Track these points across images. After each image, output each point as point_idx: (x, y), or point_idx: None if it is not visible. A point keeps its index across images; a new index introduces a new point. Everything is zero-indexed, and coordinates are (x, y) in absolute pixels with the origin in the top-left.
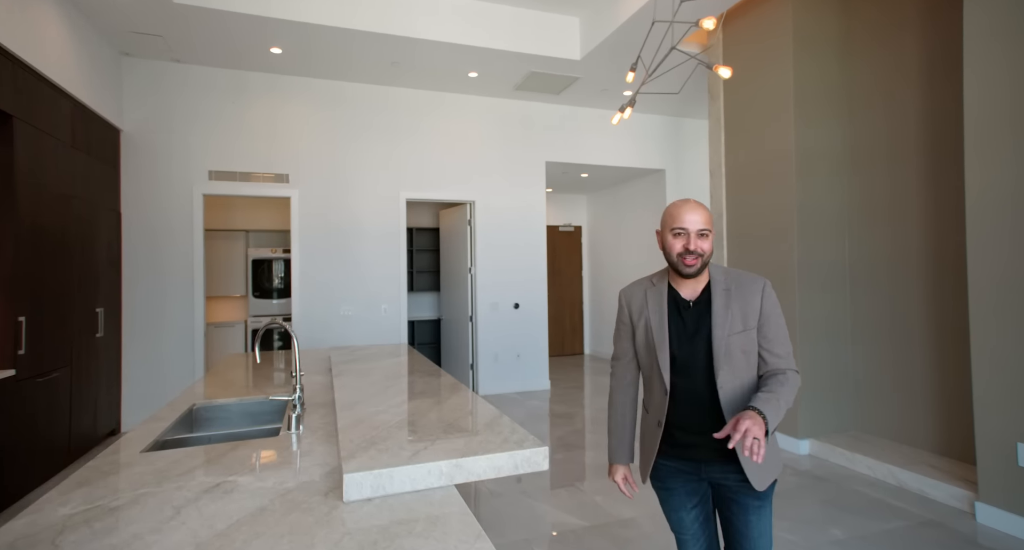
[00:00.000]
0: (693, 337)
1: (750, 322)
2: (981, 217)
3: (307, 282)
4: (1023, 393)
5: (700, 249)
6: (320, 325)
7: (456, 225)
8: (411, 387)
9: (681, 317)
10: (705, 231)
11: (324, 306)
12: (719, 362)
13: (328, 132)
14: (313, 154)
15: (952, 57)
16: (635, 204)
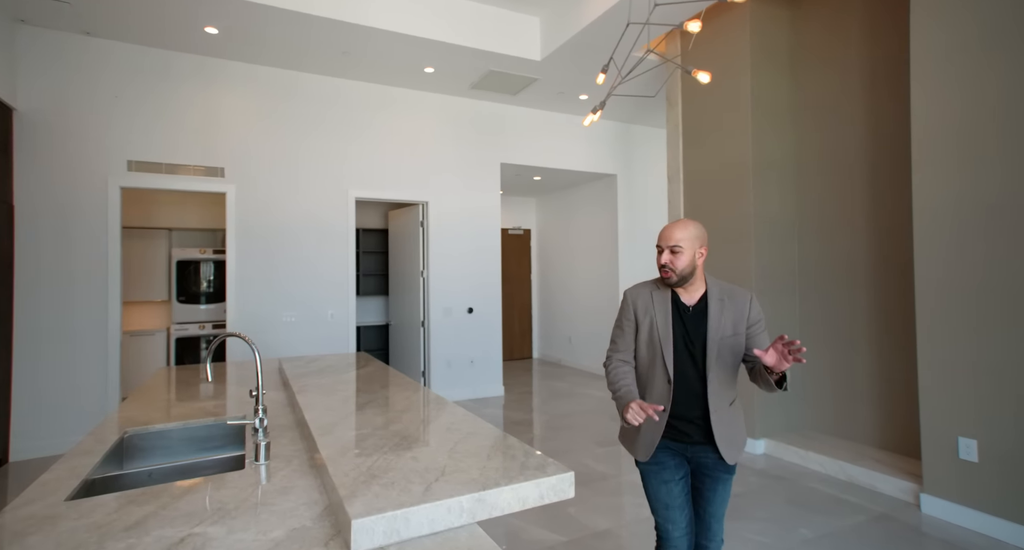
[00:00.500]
0: (692, 337)
1: (739, 328)
2: (928, 229)
3: (245, 285)
4: (964, 392)
5: (671, 263)
6: (260, 332)
7: (407, 227)
8: (390, 404)
9: (682, 320)
10: (676, 247)
11: (264, 311)
12: (711, 360)
13: (271, 124)
14: (253, 147)
15: (893, 74)
16: (586, 208)
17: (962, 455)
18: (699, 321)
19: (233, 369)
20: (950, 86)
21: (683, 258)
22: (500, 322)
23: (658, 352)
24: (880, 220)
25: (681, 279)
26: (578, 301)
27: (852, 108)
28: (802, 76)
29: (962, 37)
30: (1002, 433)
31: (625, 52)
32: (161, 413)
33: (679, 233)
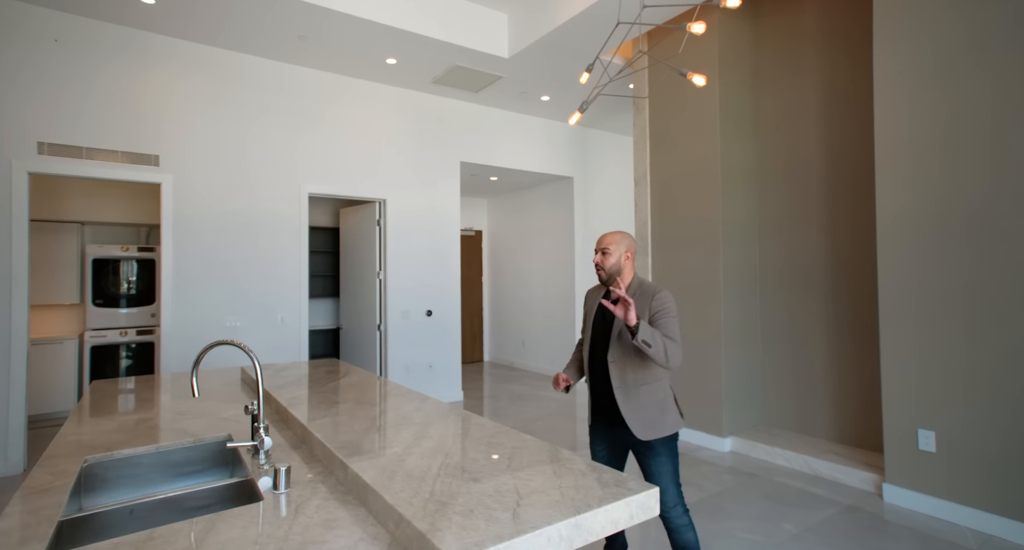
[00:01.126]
0: (606, 326)
1: (641, 315)
2: (888, 237)
3: (183, 286)
4: (923, 387)
5: (601, 263)
6: (199, 339)
7: (361, 225)
8: (405, 417)
9: (603, 311)
10: (606, 250)
11: (205, 315)
12: (612, 342)
13: (216, 109)
14: (194, 134)
15: (845, 91)
16: (542, 210)
17: (921, 446)
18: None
19: (174, 381)
20: (906, 108)
21: (611, 259)
22: (459, 325)
23: (585, 339)
24: (836, 226)
25: (610, 277)
26: (532, 303)
27: (807, 120)
28: (761, 88)
29: (915, 65)
30: (957, 424)
31: (609, 52)
32: (123, 435)
33: (608, 239)
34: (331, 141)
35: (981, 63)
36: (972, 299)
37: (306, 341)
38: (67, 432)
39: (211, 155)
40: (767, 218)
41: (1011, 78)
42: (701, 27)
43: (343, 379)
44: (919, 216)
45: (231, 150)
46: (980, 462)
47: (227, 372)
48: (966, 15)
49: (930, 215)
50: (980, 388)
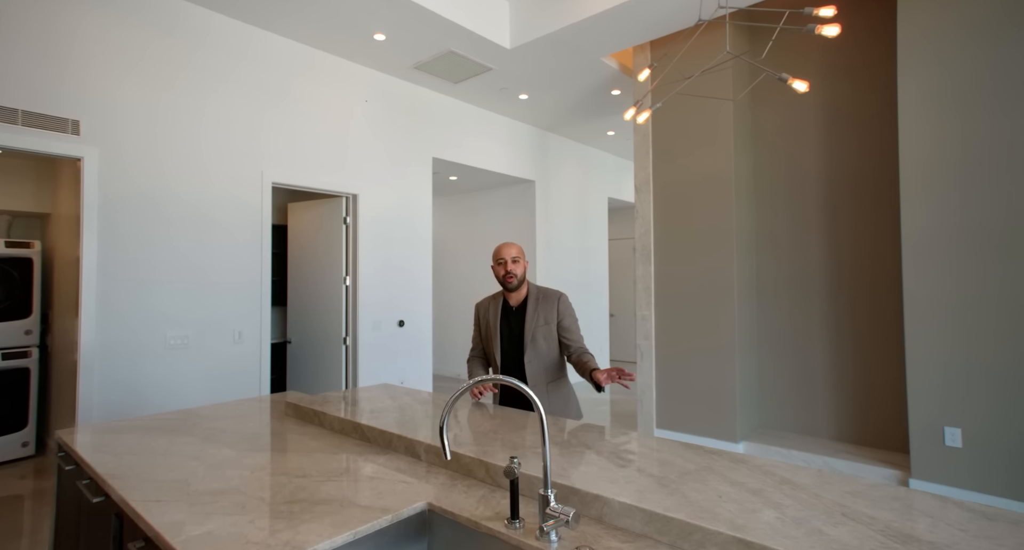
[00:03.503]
0: (513, 331)
1: (549, 319)
2: (914, 248)
3: (110, 295)
4: (948, 388)
5: (514, 270)
6: (130, 361)
7: (321, 223)
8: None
9: (508, 319)
10: (516, 258)
11: (137, 329)
12: (526, 346)
13: (159, 71)
14: (133, 99)
15: (845, 110)
16: (499, 213)
17: (948, 442)
18: (520, 317)
19: (186, 426)
20: (929, 131)
21: (520, 267)
22: (431, 336)
23: (490, 345)
24: (836, 236)
25: (520, 282)
26: None
27: (807, 137)
28: (760, 102)
29: (938, 91)
30: (982, 421)
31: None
32: (282, 522)
33: (515, 248)
34: (299, 124)
35: (1000, 93)
36: (994, 305)
37: (268, 360)
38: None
39: (154, 128)
40: (766, 228)
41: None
42: (835, 30)
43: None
44: (942, 230)
45: (181, 124)
46: (1005, 455)
47: (226, 407)
48: (986, 48)
49: (953, 229)
50: (1004, 387)
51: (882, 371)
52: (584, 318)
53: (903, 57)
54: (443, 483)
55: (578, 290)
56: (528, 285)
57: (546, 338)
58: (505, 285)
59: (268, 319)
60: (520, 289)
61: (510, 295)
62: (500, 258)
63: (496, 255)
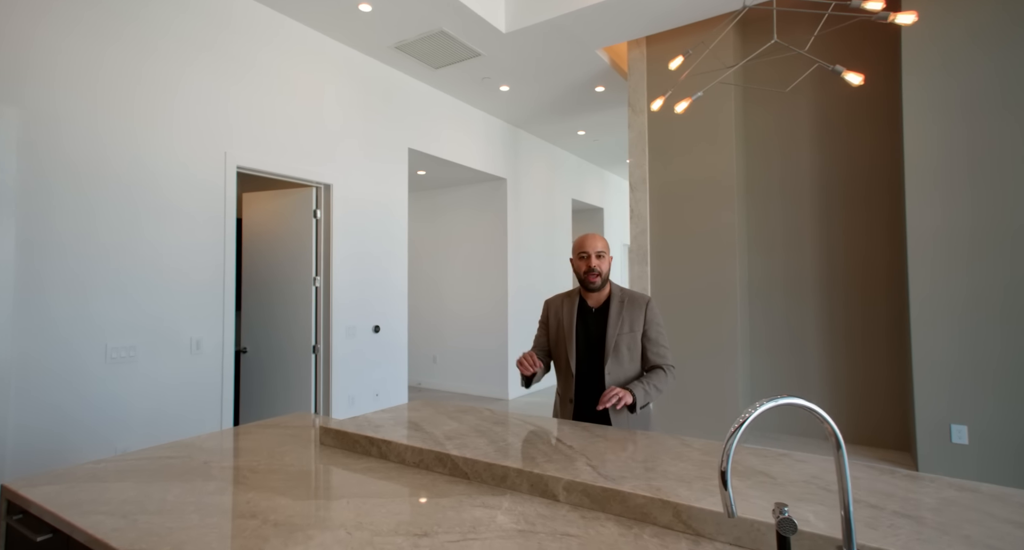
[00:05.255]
0: (592, 335)
1: (635, 327)
2: (920, 251)
3: (35, 297)
4: (955, 386)
5: (599, 267)
6: (59, 380)
7: (285, 216)
8: None
9: (585, 321)
10: (602, 253)
11: (70, 342)
12: (608, 354)
13: (103, 25)
14: (70, 54)
15: (836, 116)
16: (467, 212)
17: (954, 439)
18: (600, 321)
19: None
20: (933, 137)
21: (606, 263)
22: (406, 342)
23: (563, 349)
24: (829, 239)
25: (603, 282)
26: (448, 315)
27: (800, 139)
28: (753, 104)
29: (942, 98)
30: (988, 418)
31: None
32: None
33: (601, 242)
34: (268, 102)
35: (1006, 97)
36: (999, 306)
37: (231, 374)
38: None
39: (95, 90)
40: (759, 229)
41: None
42: (911, 18)
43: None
44: (949, 233)
45: (127, 87)
46: (1012, 451)
47: (225, 436)
48: (991, 52)
49: (958, 233)
50: (1009, 385)
51: (877, 371)
52: None
53: (908, 62)
54: (620, 534)
55: (544, 298)
56: (611, 285)
57: (630, 347)
58: (587, 284)
59: (232, 325)
60: (601, 290)
61: (589, 295)
62: (583, 251)
63: (578, 247)
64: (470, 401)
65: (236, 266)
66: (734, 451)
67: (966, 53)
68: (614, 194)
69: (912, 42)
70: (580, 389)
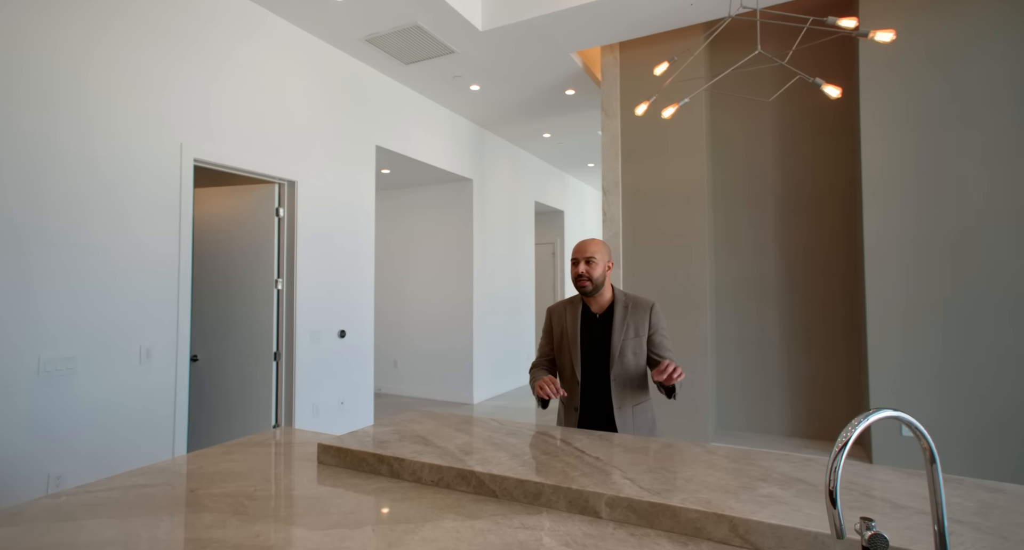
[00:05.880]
0: (597, 341)
1: (640, 332)
2: (876, 256)
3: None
4: (905, 382)
5: (587, 272)
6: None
7: (244, 214)
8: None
9: (590, 327)
10: (592, 259)
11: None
12: (613, 360)
13: (65, 5)
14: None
15: (798, 132)
16: (431, 213)
17: (904, 433)
18: (604, 326)
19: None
20: (888, 147)
21: (597, 268)
22: (373, 347)
23: (568, 356)
24: (790, 245)
25: (595, 288)
26: (410, 318)
27: (765, 151)
28: (722, 115)
29: (896, 112)
30: (935, 412)
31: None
32: None
33: (592, 247)
34: (229, 90)
35: (954, 115)
36: (947, 310)
37: (185, 386)
38: None
39: (23, 63)
40: (724, 234)
41: (976, 130)
42: (889, 36)
43: None
44: (902, 242)
45: (67, 61)
46: (955, 441)
47: (203, 459)
48: (945, 74)
49: (909, 239)
50: (951, 382)
51: (833, 369)
52: (515, 328)
53: (865, 79)
54: None
55: (509, 301)
56: (613, 290)
57: (635, 352)
58: (578, 288)
59: (187, 331)
60: (601, 294)
61: (591, 300)
62: (573, 257)
63: (572, 253)
64: (434, 406)
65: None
66: (770, 460)
67: (921, 71)
68: (573, 197)
69: (869, 60)
70: (586, 396)
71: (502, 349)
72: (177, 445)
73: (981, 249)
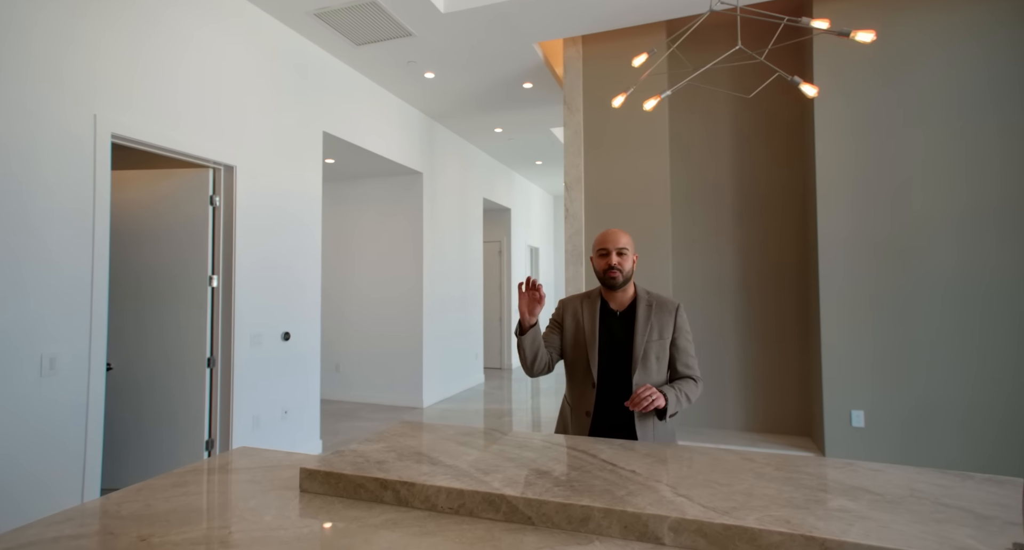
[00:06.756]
0: (618, 341)
1: (664, 334)
2: (829, 254)
3: None
4: (855, 377)
5: (619, 265)
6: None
7: (171, 202)
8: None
9: (609, 326)
10: (623, 250)
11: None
12: (636, 363)
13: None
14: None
15: (754, 133)
16: (377, 208)
17: (854, 424)
18: (626, 325)
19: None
20: (839, 155)
21: (628, 261)
22: (319, 351)
23: (582, 355)
24: (746, 244)
25: (625, 281)
26: (358, 317)
27: (722, 150)
28: (682, 114)
29: (848, 121)
30: (881, 404)
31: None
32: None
33: (624, 237)
34: (157, 58)
35: (904, 120)
36: (893, 306)
37: (101, 401)
38: None
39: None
40: (681, 232)
41: (921, 134)
42: (869, 36)
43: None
44: (854, 241)
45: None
46: (897, 430)
47: (152, 493)
48: (895, 80)
49: (861, 238)
50: (898, 374)
51: (785, 364)
52: (464, 328)
53: (820, 82)
54: None
55: (458, 301)
56: (635, 287)
57: (658, 356)
58: (606, 282)
59: (103, 336)
60: (625, 289)
61: (612, 297)
62: (603, 248)
63: (599, 243)
64: (382, 412)
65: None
66: (812, 465)
67: (871, 77)
68: (520, 195)
69: (823, 65)
70: (601, 401)
71: (451, 350)
72: (89, 475)
73: (921, 247)
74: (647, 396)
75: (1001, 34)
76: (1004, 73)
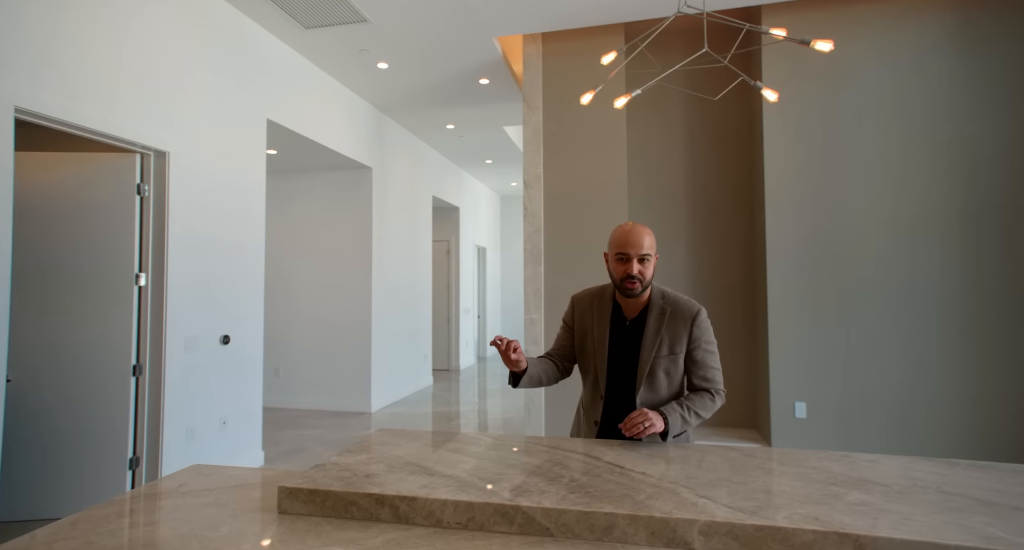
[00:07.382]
0: (625, 353)
1: (676, 348)
2: (776, 255)
3: None
4: (799, 370)
5: (641, 274)
6: None
7: (89, 191)
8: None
9: (618, 334)
10: (647, 256)
11: None
12: (640, 381)
13: None
14: None
15: (706, 137)
16: (323, 204)
17: (797, 415)
18: (635, 337)
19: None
20: (786, 161)
21: (650, 268)
22: (262, 355)
23: (590, 364)
24: (697, 244)
25: (644, 290)
26: (301, 319)
27: (677, 153)
28: (640, 115)
29: (793, 129)
30: (821, 396)
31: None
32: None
33: (648, 240)
34: (75, 23)
35: (850, 128)
36: (833, 305)
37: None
38: None
39: None
40: None
41: (866, 140)
42: (828, 45)
43: None
44: (797, 241)
45: None
46: (835, 420)
47: (84, 528)
48: (842, 90)
49: (806, 240)
50: (836, 367)
51: (733, 360)
52: (413, 329)
53: (768, 106)
54: None
55: (407, 301)
56: (652, 289)
57: (668, 372)
58: (623, 290)
59: (5, 343)
60: (639, 295)
61: (625, 301)
62: (622, 252)
63: (618, 244)
64: (327, 418)
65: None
66: (812, 459)
67: (818, 84)
68: (468, 194)
69: (773, 73)
70: (608, 413)
71: (400, 352)
72: None
73: (858, 250)
74: (640, 422)
75: (938, 56)
76: (937, 90)
